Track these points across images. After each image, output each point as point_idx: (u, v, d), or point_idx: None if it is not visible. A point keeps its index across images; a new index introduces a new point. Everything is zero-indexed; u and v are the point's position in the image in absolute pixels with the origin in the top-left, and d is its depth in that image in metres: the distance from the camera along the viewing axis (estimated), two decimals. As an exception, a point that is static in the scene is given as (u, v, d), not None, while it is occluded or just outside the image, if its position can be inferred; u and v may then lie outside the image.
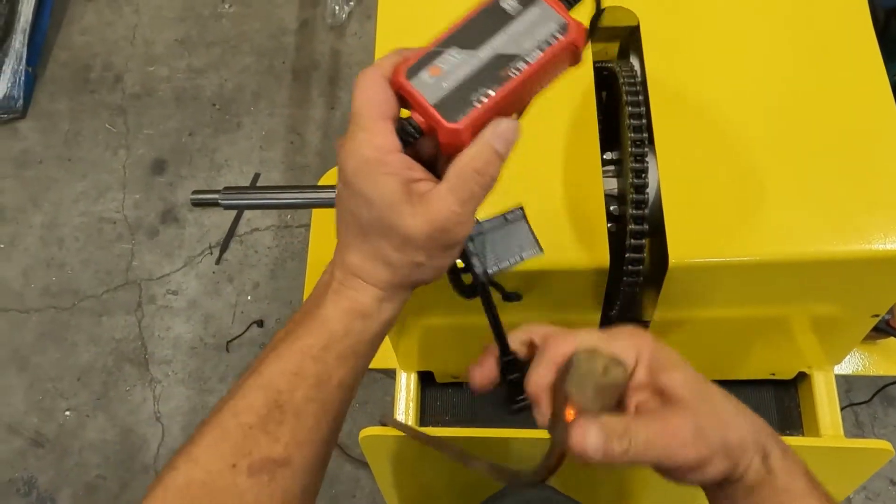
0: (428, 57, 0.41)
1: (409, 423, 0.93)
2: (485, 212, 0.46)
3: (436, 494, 1.08)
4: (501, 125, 0.40)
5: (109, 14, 2.14)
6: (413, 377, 0.93)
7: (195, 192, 0.72)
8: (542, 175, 0.65)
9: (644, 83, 0.65)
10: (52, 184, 1.92)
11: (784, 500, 0.41)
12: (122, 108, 2.00)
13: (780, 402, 0.87)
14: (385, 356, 0.91)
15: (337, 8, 2.04)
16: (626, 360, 0.41)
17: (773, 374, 0.84)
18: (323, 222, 0.97)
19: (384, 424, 0.89)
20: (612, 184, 0.69)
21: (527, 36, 0.40)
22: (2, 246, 1.86)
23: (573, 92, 0.69)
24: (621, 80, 0.60)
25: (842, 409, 0.82)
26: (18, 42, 1.98)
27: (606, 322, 0.73)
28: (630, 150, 0.56)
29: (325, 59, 2.02)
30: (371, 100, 0.41)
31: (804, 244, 0.61)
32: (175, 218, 1.87)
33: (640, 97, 0.58)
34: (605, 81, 0.73)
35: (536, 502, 0.79)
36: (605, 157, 0.69)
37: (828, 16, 0.69)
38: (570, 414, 0.39)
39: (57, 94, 2.04)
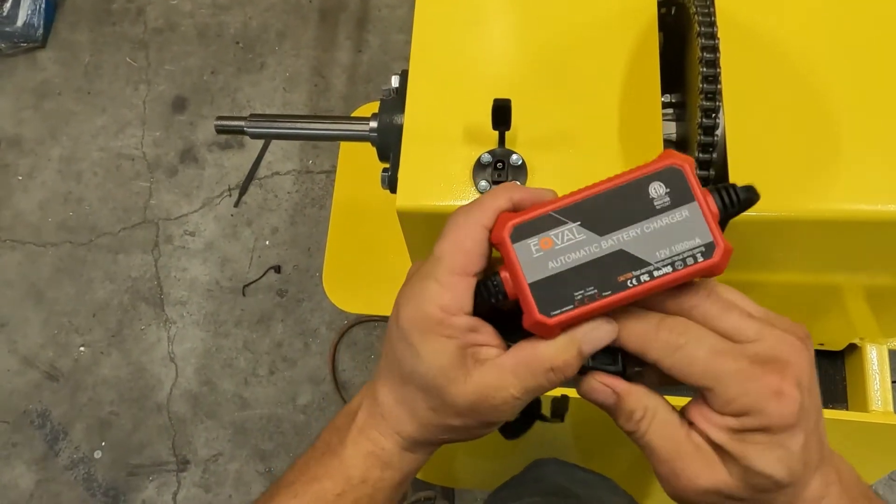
0: (543, 222, 0.35)
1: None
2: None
3: (454, 451, 1.06)
4: (600, 331, 0.35)
5: (133, -57, 2.07)
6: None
7: (220, 117, 0.68)
8: (598, 116, 0.60)
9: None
10: (71, 117, 1.88)
11: None
12: (144, 43, 1.95)
13: (825, 373, 0.83)
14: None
15: (368, -54, 1.95)
16: None
17: (822, 345, 0.80)
18: (350, 161, 0.92)
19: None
20: (670, 129, 0.64)
21: (664, 242, 0.34)
22: (20, 178, 1.84)
23: (633, 26, 0.63)
24: (693, 10, 0.54)
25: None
26: (39, -33, 1.92)
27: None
28: (701, 86, 0.51)
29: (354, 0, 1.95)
30: (460, 249, 0.36)
31: (878, 203, 0.56)
32: (195, 158, 1.83)
33: (715, 29, 0.52)
34: (662, 21, 0.67)
35: (561, 479, 0.76)
36: (662, 99, 0.64)
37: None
38: None
39: (78, 25, 1.98)
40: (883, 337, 0.78)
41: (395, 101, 0.63)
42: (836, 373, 0.83)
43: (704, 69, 0.52)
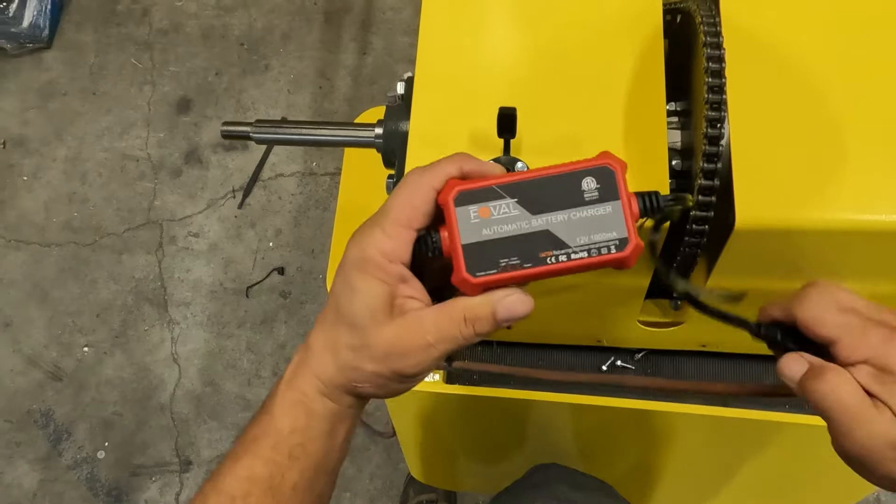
0: (485, 193, 0.39)
1: (436, 379, 0.90)
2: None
3: (455, 455, 1.06)
4: (512, 297, 0.39)
5: (138, -56, 2.07)
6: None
7: (226, 123, 0.68)
8: (603, 123, 0.60)
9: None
10: (76, 117, 1.89)
11: None
12: (149, 44, 1.95)
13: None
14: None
15: (373, -52, 1.95)
16: None
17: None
18: (354, 166, 0.92)
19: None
20: (674, 137, 0.64)
21: (585, 231, 0.39)
22: (25, 178, 1.84)
23: (638, 33, 0.63)
24: (699, 19, 0.54)
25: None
26: (45, -32, 1.92)
27: (657, 286, 0.69)
28: (707, 96, 0.51)
29: (359, 2, 1.95)
30: (408, 205, 0.40)
31: (882, 213, 0.56)
32: (199, 159, 1.83)
33: (720, 39, 0.52)
34: (668, 27, 0.67)
35: (561, 485, 0.76)
36: (667, 107, 0.64)
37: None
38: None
39: (83, 26, 1.99)
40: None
41: (401, 108, 0.63)
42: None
43: (710, 79, 0.52)
